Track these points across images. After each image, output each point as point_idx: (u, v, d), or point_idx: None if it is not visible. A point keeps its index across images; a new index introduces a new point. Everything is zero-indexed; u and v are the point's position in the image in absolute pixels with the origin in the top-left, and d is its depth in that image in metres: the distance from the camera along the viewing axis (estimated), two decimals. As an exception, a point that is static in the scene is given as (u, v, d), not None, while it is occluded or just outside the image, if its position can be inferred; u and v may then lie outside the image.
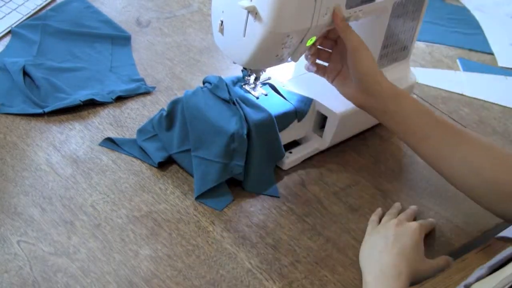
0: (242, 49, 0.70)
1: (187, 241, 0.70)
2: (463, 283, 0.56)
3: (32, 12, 1.06)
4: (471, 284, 0.55)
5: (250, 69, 0.78)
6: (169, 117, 0.79)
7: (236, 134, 0.73)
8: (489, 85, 1.11)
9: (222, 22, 0.71)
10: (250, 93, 0.80)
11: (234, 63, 0.74)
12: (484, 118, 1.02)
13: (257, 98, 0.79)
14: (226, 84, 0.78)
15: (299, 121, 0.81)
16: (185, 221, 0.73)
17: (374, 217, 0.76)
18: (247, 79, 0.80)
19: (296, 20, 0.66)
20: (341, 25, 0.71)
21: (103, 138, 0.82)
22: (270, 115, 0.77)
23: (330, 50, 0.78)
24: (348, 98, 0.76)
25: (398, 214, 0.76)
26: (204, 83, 0.81)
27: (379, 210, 0.77)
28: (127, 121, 0.87)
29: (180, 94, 0.86)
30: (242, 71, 0.79)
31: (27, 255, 0.66)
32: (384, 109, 0.72)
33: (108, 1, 1.15)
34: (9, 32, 1.01)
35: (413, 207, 0.78)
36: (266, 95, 0.81)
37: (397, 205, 0.78)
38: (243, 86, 0.81)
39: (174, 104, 0.79)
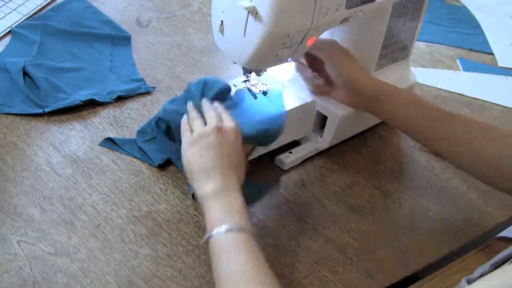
0: (242, 49, 0.70)
1: (187, 241, 0.70)
2: (465, 278, 0.57)
3: (32, 12, 1.06)
4: (474, 279, 0.56)
5: (250, 69, 0.78)
6: (167, 131, 0.77)
7: None
8: (489, 85, 1.11)
9: (222, 22, 0.71)
10: (250, 91, 0.80)
11: (234, 63, 0.74)
12: (484, 118, 1.01)
13: (256, 98, 0.79)
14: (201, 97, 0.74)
15: (266, 145, 0.75)
16: (185, 221, 0.73)
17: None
18: (248, 76, 0.80)
19: (296, 20, 0.66)
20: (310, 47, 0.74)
21: (103, 138, 0.82)
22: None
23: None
24: (340, 100, 0.81)
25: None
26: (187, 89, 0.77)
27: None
28: (127, 121, 0.87)
29: (180, 94, 0.85)
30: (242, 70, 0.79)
31: (27, 255, 0.66)
32: (370, 105, 0.78)
33: (108, 1, 1.15)
34: (9, 32, 1.01)
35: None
36: (265, 93, 0.80)
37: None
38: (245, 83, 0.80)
39: (159, 122, 0.77)
